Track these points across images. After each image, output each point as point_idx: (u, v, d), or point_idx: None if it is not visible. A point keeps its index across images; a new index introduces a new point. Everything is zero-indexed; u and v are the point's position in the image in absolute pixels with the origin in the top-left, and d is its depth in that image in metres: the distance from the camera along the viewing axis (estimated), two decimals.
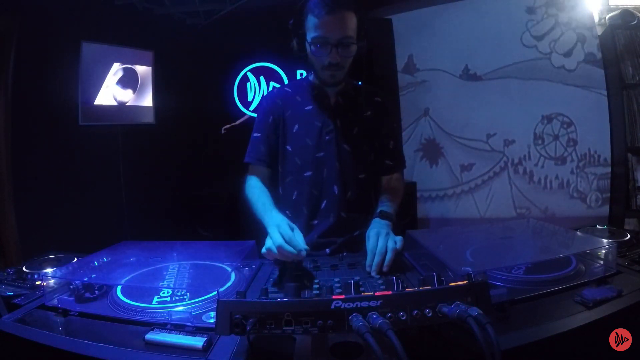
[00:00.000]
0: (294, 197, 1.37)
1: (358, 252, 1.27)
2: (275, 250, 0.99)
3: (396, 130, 1.48)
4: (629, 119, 2.68)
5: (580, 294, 0.85)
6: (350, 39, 1.21)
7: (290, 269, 1.03)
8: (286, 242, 0.99)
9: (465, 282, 0.69)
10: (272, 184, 1.38)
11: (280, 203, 1.36)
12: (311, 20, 1.20)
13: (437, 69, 3.27)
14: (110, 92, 2.99)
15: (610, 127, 2.80)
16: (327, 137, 1.33)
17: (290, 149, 1.35)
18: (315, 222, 1.36)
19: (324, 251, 1.34)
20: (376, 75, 3.32)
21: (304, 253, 0.99)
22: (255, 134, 1.39)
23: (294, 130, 1.35)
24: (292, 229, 1.04)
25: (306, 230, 1.35)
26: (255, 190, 1.31)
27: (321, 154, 1.33)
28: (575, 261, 1.01)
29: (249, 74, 3.53)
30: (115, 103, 3.03)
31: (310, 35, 1.22)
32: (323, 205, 1.35)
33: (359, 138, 1.36)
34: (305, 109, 1.36)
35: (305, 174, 1.34)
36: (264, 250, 1.04)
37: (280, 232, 1.01)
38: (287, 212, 1.36)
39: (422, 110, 3.34)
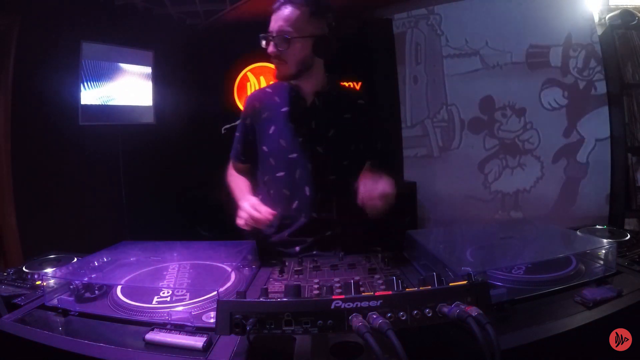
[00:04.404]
0: (268, 196, 1.39)
1: (329, 251, 1.30)
2: (248, 209, 1.18)
3: (383, 132, 1.48)
4: (629, 119, 2.68)
5: (580, 294, 0.85)
6: (286, 33, 1.23)
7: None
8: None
9: (465, 282, 0.69)
10: (251, 179, 1.47)
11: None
12: None
13: None
14: (110, 92, 2.99)
15: (610, 127, 2.80)
16: (300, 139, 1.34)
17: (266, 150, 1.38)
18: (287, 221, 1.37)
19: (294, 249, 1.35)
20: (376, 74, 3.34)
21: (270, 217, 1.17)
22: (236, 133, 1.49)
23: (270, 132, 1.37)
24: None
25: (278, 229, 1.39)
26: (234, 178, 1.46)
27: (294, 155, 1.35)
28: (575, 261, 1.01)
29: (249, 74, 3.53)
30: (115, 103, 3.03)
31: None
32: (295, 205, 1.36)
33: (335, 140, 1.36)
34: (282, 110, 1.38)
35: (278, 174, 1.37)
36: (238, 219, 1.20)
37: (251, 202, 1.21)
38: None
39: None
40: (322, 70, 1.37)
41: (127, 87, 3.10)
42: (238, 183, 1.43)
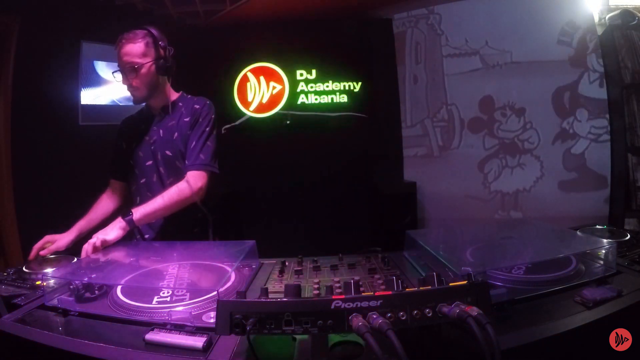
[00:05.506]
0: (137, 202, 1.56)
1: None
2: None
3: (206, 132, 1.54)
4: (629, 119, 2.68)
5: (580, 294, 0.85)
6: (131, 64, 1.45)
7: None
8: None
9: (465, 282, 0.69)
10: (127, 192, 1.66)
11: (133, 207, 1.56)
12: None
13: None
14: (110, 92, 2.99)
15: (610, 127, 2.80)
16: (152, 147, 1.55)
17: (132, 162, 1.60)
18: (154, 220, 1.52)
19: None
20: (376, 74, 3.34)
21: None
22: (113, 154, 1.68)
23: (133, 146, 1.59)
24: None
25: (147, 229, 1.56)
26: (93, 206, 1.65)
27: (150, 162, 1.56)
28: (575, 261, 1.01)
29: (249, 74, 3.53)
30: (115, 103, 3.03)
31: None
32: None
33: (177, 143, 1.53)
34: (141, 127, 1.60)
35: (141, 181, 1.58)
36: None
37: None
38: None
39: None
40: (169, 86, 1.60)
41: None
42: (90, 213, 1.61)
